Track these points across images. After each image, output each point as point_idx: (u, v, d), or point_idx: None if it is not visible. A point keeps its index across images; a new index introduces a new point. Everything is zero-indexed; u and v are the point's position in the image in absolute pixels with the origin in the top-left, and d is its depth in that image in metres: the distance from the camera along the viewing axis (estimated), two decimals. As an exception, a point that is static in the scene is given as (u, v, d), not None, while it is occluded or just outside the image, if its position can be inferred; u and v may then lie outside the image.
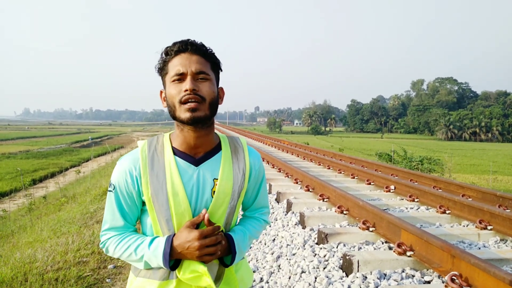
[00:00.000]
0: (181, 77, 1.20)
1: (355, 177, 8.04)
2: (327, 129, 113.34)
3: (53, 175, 20.88)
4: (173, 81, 1.20)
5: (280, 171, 8.54)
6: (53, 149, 39.66)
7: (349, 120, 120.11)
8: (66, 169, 23.97)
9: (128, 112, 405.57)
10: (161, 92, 1.30)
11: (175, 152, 1.26)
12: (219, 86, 1.30)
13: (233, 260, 1.27)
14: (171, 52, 1.22)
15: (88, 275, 3.82)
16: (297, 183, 6.97)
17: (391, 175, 8.15)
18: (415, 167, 15.55)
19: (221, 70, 1.32)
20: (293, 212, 5.12)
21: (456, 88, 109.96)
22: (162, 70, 1.25)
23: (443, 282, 2.89)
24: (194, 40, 1.24)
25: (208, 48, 1.25)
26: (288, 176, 7.78)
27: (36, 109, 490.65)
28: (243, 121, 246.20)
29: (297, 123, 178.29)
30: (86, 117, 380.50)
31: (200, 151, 1.27)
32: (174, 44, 1.22)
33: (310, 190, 6.14)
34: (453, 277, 2.73)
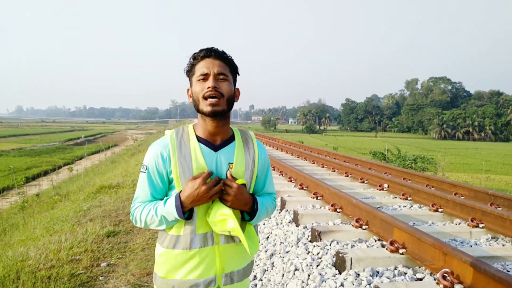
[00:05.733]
0: (205, 77, 1.46)
1: (349, 176, 8.07)
2: (322, 127, 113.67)
3: (46, 173, 20.73)
4: (199, 80, 1.47)
5: (274, 169, 8.55)
6: (46, 147, 39.38)
7: (343, 119, 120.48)
8: (59, 167, 23.81)
9: (122, 110, 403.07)
10: (188, 90, 1.56)
11: (198, 139, 1.52)
12: (236, 87, 1.56)
13: (254, 215, 1.52)
14: (198, 57, 1.49)
15: (81, 273, 3.81)
16: (291, 181, 6.99)
17: (385, 173, 8.20)
18: (409, 165, 15.65)
19: (238, 74, 1.58)
20: (287, 210, 5.13)
21: (449, 87, 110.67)
22: (189, 71, 1.52)
23: (435, 279, 2.92)
24: (217, 48, 1.49)
25: (228, 55, 1.52)
26: (282, 175, 7.79)
27: (29, 106, 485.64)
28: (237, 120, 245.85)
29: (291, 122, 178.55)
30: (80, 115, 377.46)
31: (218, 139, 1.53)
32: (201, 50, 1.48)
33: (304, 188, 6.16)
34: (445, 274, 2.75)
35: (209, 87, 1.43)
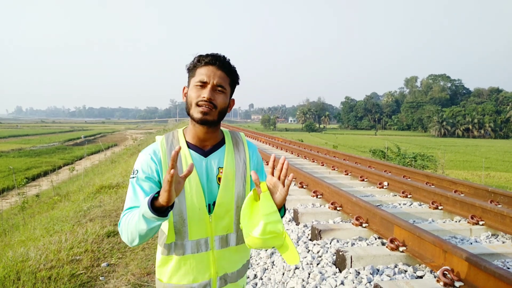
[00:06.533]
0: (203, 85, 1.43)
1: (349, 174, 8.07)
2: (321, 126, 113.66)
3: (46, 173, 20.71)
4: (196, 85, 1.44)
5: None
6: (46, 147, 39.37)
7: (343, 117, 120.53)
8: (59, 167, 23.81)
9: (121, 110, 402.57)
10: (184, 87, 1.53)
11: (188, 145, 1.51)
12: (231, 98, 1.54)
13: (284, 212, 1.47)
14: (202, 61, 1.45)
15: (81, 273, 3.80)
16: (291, 180, 6.98)
17: (385, 171, 8.20)
18: (409, 163, 15.64)
19: (238, 84, 1.56)
20: (286, 209, 5.12)
21: (449, 85, 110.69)
22: (190, 71, 1.48)
23: (435, 277, 2.92)
24: (224, 57, 1.47)
25: (232, 66, 1.50)
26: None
27: (29, 107, 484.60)
28: (237, 119, 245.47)
29: (291, 120, 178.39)
30: (79, 115, 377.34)
31: (208, 144, 1.52)
32: (207, 55, 1.46)
33: (304, 187, 6.16)
34: (445, 271, 2.75)
35: (204, 97, 1.42)
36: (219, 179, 1.49)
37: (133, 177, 1.47)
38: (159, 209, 1.24)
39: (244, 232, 1.36)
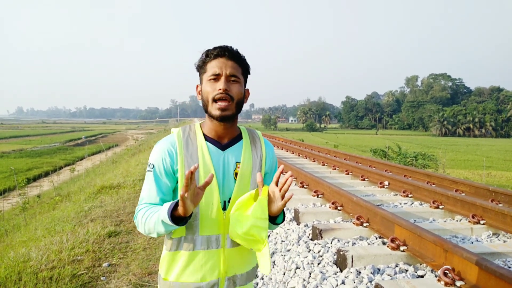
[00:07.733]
0: (216, 77, 1.42)
1: (350, 173, 8.07)
2: (322, 125, 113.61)
3: (47, 174, 20.75)
4: (210, 79, 1.43)
5: (275, 168, 8.55)
6: (47, 147, 39.42)
7: (343, 117, 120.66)
8: (60, 168, 23.82)
9: (122, 110, 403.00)
10: (197, 86, 1.53)
11: (206, 138, 1.49)
12: (246, 88, 1.52)
13: (284, 217, 1.51)
14: (211, 55, 1.44)
15: (82, 274, 3.81)
16: (291, 179, 6.98)
17: (385, 171, 8.20)
18: (409, 163, 15.64)
19: (249, 74, 1.54)
20: (287, 209, 5.13)
21: (450, 84, 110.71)
22: (201, 68, 1.48)
23: (436, 276, 2.91)
24: (232, 47, 1.46)
25: (242, 55, 1.48)
26: (283, 173, 7.78)
27: (30, 107, 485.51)
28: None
29: (292, 120, 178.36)
30: (80, 116, 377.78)
31: (225, 138, 1.50)
32: (215, 48, 1.45)
33: (305, 186, 6.16)
34: (446, 271, 2.75)
35: (220, 89, 1.40)
36: (236, 174, 1.48)
37: (149, 171, 1.47)
38: (178, 218, 1.31)
39: (231, 222, 1.40)
